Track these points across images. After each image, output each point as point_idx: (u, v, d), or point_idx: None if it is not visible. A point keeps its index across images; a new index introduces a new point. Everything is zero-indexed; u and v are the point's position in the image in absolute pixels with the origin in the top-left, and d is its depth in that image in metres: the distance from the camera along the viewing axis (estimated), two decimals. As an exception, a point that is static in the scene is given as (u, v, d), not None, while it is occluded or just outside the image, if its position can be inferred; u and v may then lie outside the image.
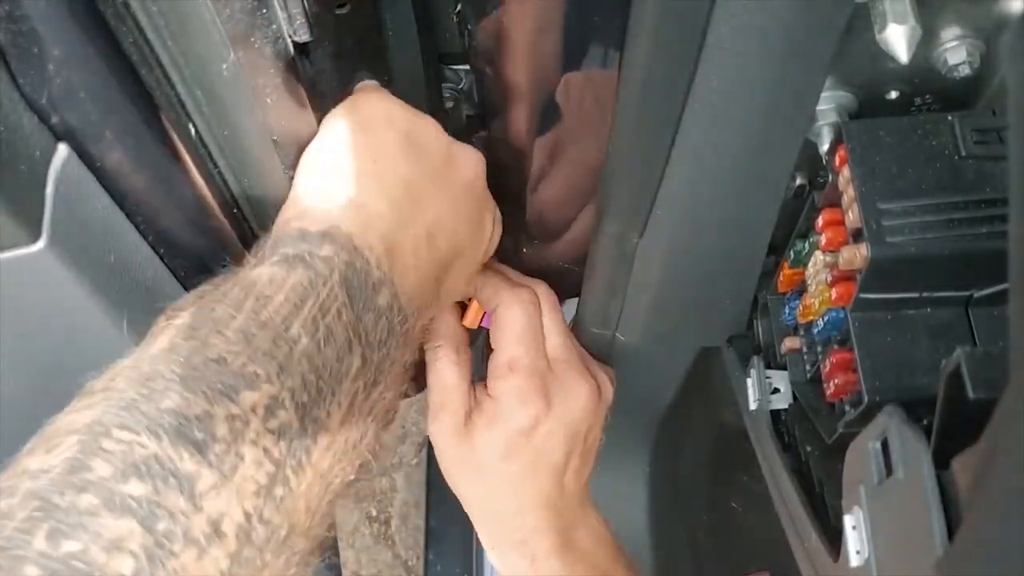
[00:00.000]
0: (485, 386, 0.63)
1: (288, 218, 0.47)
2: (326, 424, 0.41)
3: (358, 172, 0.48)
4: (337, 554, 0.78)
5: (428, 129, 0.52)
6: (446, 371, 0.62)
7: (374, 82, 0.53)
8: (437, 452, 0.63)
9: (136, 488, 0.34)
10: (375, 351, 0.44)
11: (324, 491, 0.42)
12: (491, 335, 0.63)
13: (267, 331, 0.40)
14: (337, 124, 0.50)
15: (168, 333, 0.40)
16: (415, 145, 0.50)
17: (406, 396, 0.79)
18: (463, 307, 0.65)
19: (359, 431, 0.44)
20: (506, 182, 0.59)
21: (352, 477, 0.43)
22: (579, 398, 0.63)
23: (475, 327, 0.65)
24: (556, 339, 0.64)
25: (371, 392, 0.44)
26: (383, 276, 0.45)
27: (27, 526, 0.33)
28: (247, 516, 0.37)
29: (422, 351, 0.63)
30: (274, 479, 0.38)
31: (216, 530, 0.36)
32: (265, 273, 0.42)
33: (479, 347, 0.72)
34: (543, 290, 0.65)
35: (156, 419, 0.36)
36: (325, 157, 0.49)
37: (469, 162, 0.54)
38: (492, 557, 0.65)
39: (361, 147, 0.49)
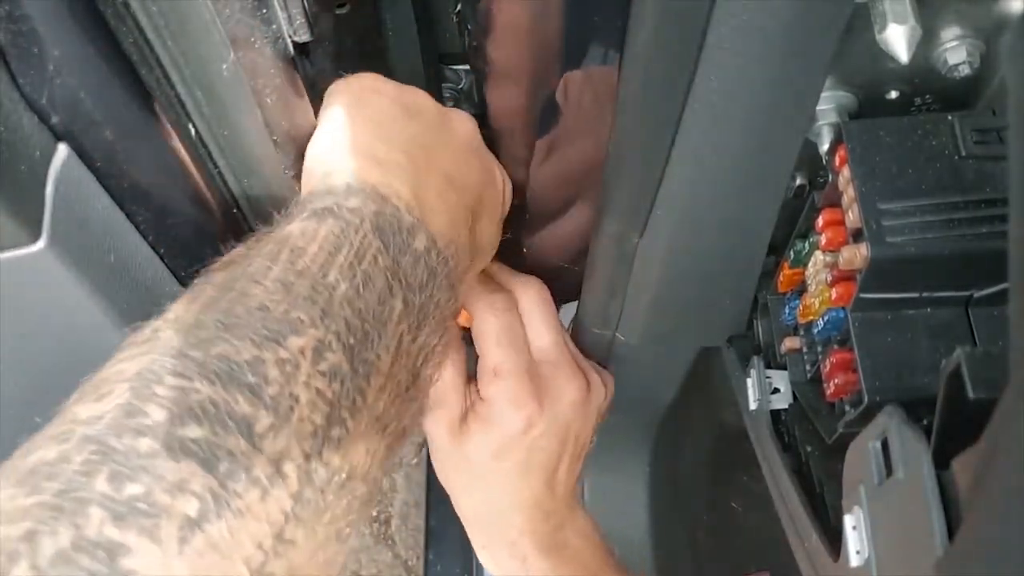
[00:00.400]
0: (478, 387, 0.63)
1: (308, 180, 0.48)
2: (377, 366, 0.41)
3: (366, 134, 0.48)
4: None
5: (418, 95, 0.52)
6: (442, 368, 0.62)
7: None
8: (432, 449, 0.64)
9: (194, 431, 0.34)
10: (417, 294, 0.44)
11: (381, 434, 0.41)
12: (475, 343, 0.64)
13: (305, 279, 0.40)
14: (333, 105, 0.50)
15: (206, 290, 0.39)
16: (409, 108, 0.51)
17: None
18: None
19: (409, 374, 0.44)
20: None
21: (407, 423, 0.43)
22: (569, 396, 0.63)
23: (470, 325, 0.65)
24: (546, 338, 0.64)
25: (417, 335, 0.44)
26: (415, 221, 0.45)
27: (87, 468, 0.32)
28: (307, 456, 0.37)
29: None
30: (330, 420, 0.38)
31: (278, 470, 0.35)
32: (296, 227, 0.42)
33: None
34: (533, 290, 0.65)
35: (208, 365, 0.36)
36: (330, 132, 0.49)
37: (464, 122, 0.54)
38: (483, 557, 0.65)
39: (361, 116, 0.49)
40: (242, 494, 0.34)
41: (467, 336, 0.66)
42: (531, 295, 0.65)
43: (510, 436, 0.62)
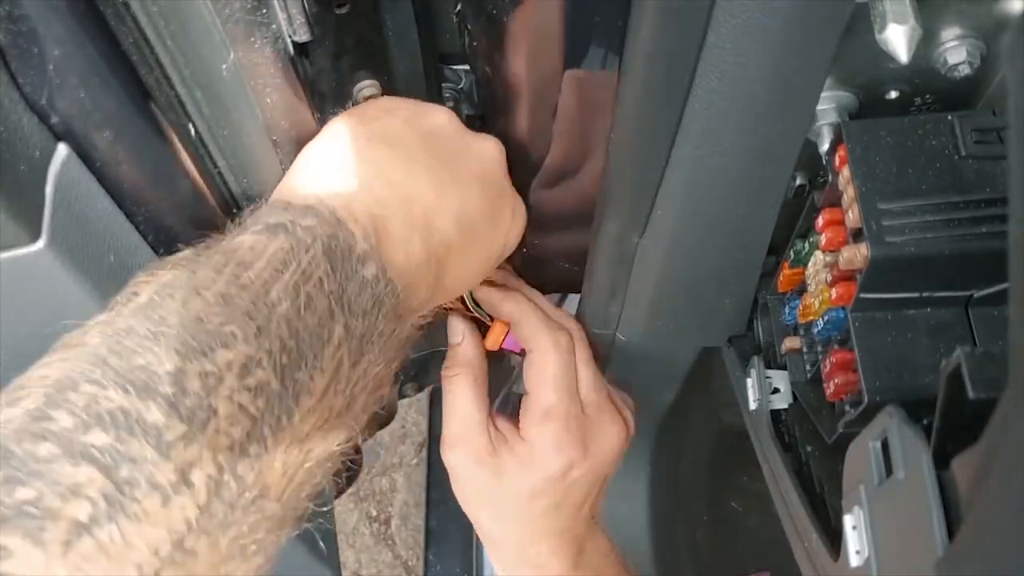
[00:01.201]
0: (513, 423, 0.63)
1: (276, 194, 0.47)
2: (309, 387, 0.40)
3: (351, 151, 0.47)
4: (332, 521, 0.77)
5: (436, 117, 0.52)
6: (463, 400, 0.62)
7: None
8: (455, 479, 0.63)
9: (98, 438, 0.34)
10: (359, 320, 0.43)
11: (304, 457, 0.41)
12: (525, 376, 0.63)
13: (246, 294, 0.39)
14: (336, 122, 0.50)
15: (146, 292, 0.39)
16: (421, 130, 0.50)
17: (404, 396, 0.79)
18: (483, 326, 0.65)
19: (345, 399, 0.43)
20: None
21: (336, 448, 0.43)
22: (613, 441, 0.63)
23: (496, 348, 0.65)
24: (588, 380, 0.64)
25: (358, 361, 0.43)
26: (369, 249, 0.44)
27: None
28: (219, 468, 0.36)
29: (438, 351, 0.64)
30: (250, 436, 0.37)
31: (184, 479, 0.35)
32: (247, 240, 0.42)
33: (502, 367, 0.72)
34: (574, 327, 0.65)
35: (125, 374, 0.35)
36: (319, 147, 0.49)
37: (484, 153, 0.53)
38: (504, 572, 0.65)
39: (357, 133, 0.49)
40: (141, 499, 0.34)
41: (489, 355, 0.65)
42: (578, 334, 0.65)
43: (550, 479, 0.61)
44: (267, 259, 0.41)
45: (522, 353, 0.64)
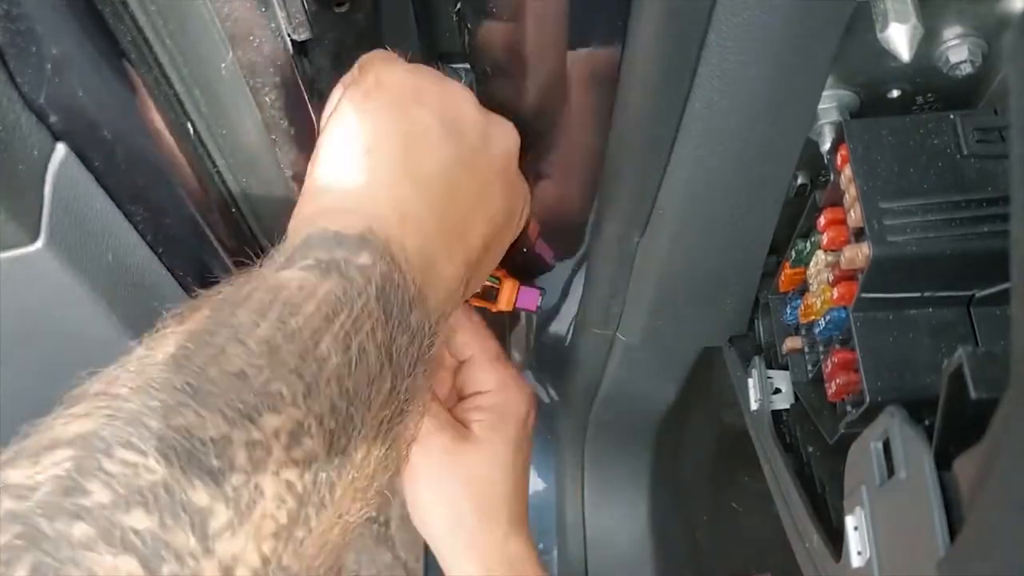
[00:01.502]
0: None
1: (314, 212, 0.42)
2: (352, 457, 0.36)
3: (391, 164, 0.43)
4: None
5: (463, 103, 0.47)
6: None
7: (384, 51, 0.48)
8: (416, 475, 0.60)
9: (140, 521, 0.30)
10: (405, 378, 0.39)
11: (342, 532, 0.37)
12: (463, 339, 0.63)
13: (294, 344, 0.35)
14: (360, 103, 0.44)
15: (180, 336, 0.35)
16: (449, 124, 0.45)
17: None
18: (492, 289, 0.63)
19: (382, 465, 0.39)
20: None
21: (365, 514, 0.39)
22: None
23: (510, 309, 0.63)
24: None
25: (395, 423, 0.39)
26: (416, 293, 0.40)
27: (6, 557, 0.28)
28: (264, 561, 0.32)
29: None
30: (295, 519, 0.34)
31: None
32: (295, 278, 0.37)
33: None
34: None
35: (166, 439, 0.31)
36: (350, 143, 0.43)
37: (505, 140, 0.49)
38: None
39: (391, 132, 0.43)
40: None
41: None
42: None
43: (523, 424, 0.61)
44: (317, 303, 0.36)
45: (537, 310, 0.64)
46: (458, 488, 0.59)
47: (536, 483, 1.00)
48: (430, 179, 0.44)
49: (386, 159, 0.43)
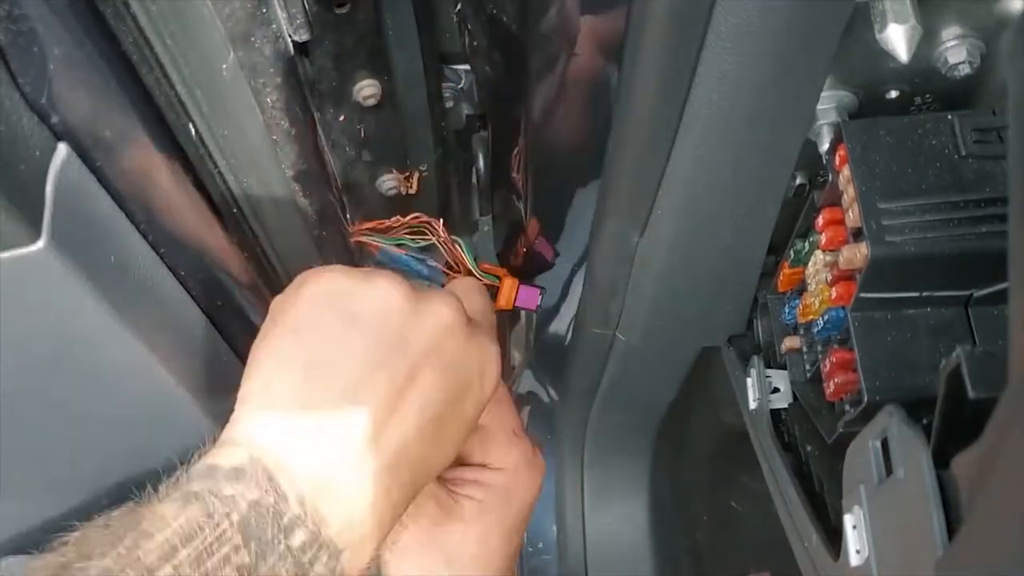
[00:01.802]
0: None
1: (219, 440, 0.44)
2: None
3: (294, 383, 0.45)
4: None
5: (379, 292, 0.47)
6: None
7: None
8: (395, 541, 0.56)
9: None
10: None
11: None
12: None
13: (131, 571, 0.37)
14: (277, 315, 0.47)
15: (48, 569, 0.38)
16: (363, 322, 0.46)
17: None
18: (492, 288, 0.63)
19: None
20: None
21: None
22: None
23: (510, 307, 0.63)
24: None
25: None
26: (302, 514, 0.42)
27: None
28: None
29: None
30: None
31: None
32: (157, 510, 0.40)
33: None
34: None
35: None
36: (266, 358, 0.46)
37: (436, 317, 0.48)
38: None
39: (298, 347, 0.45)
40: None
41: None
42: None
43: (528, 509, 0.58)
44: (172, 531, 0.39)
45: (538, 308, 0.62)
46: (438, 566, 0.56)
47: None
48: (335, 391, 0.45)
49: (284, 388, 0.45)
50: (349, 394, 0.45)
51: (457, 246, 0.61)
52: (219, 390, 0.49)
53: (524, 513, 0.58)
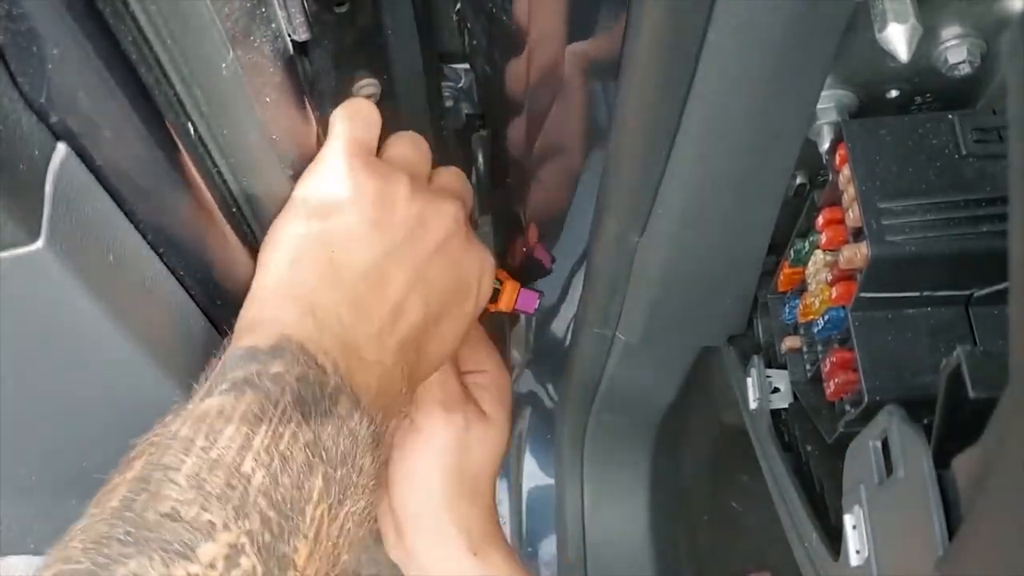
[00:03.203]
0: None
1: (241, 327, 0.46)
2: (293, 560, 0.39)
3: (313, 268, 0.46)
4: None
5: (397, 192, 0.50)
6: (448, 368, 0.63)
7: (347, 128, 0.50)
8: (422, 446, 0.62)
9: None
10: (339, 467, 0.42)
11: None
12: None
13: (219, 471, 0.38)
14: (298, 206, 0.49)
15: (121, 488, 0.38)
16: (377, 221, 0.49)
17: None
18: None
19: (329, 561, 0.41)
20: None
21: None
22: None
23: (510, 310, 0.64)
24: None
25: (338, 512, 0.42)
26: (340, 382, 0.43)
27: None
28: None
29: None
30: None
31: None
32: (215, 404, 0.40)
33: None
34: None
35: None
36: (282, 248, 0.48)
37: (442, 219, 0.52)
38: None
39: (318, 237, 0.47)
40: None
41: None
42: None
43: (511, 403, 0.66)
44: (236, 425, 0.39)
45: (535, 312, 0.65)
46: (470, 463, 0.62)
47: (536, 480, 1.00)
48: (357, 277, 0.47)
49: (308, 267, 0.47)
50: (372, 279, 0.48)
51: None
52: (218, 390, 0.49)
53: (511, 408, 0.67)
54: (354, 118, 0.51)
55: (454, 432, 0.61)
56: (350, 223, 0.48)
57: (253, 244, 0.52)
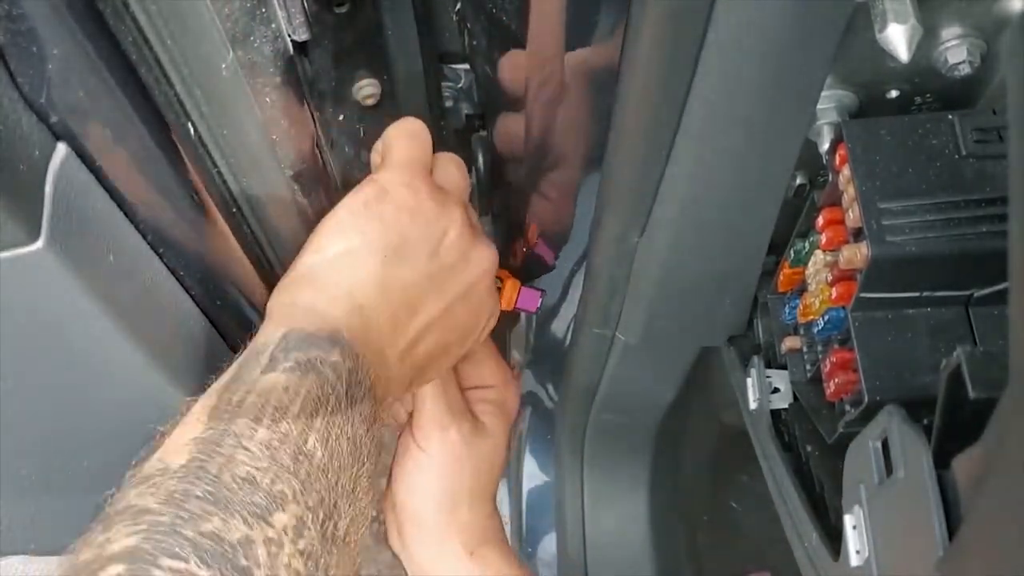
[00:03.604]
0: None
1: (291, 304, 0.48)
2: (336, 538, 0.41)
3: (367, 270, 0.48)
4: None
5: (452, 225, 0.52)
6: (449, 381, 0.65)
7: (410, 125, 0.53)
8: (434, 463, 0.64)
9: None
10: (363, 464, 0.44)
11: None
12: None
13: (287, 445, 0.40)
14: (357, 208, 0.50)
15: (190, 448, 0.40)
16: (433, 243, 0.51)
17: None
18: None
19: (355, 540, 0.44)
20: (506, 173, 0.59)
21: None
22: None
23: (510, 308, 0.65)
24: None
25: (359, 505, 0.44)
26: (370, 386, 0.46)
27: None
28: None
29: None
30: None
31: None
32: (280, 380, 0.43)
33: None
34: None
35: (201, 545, 0.36)
36: (339, 239, 0.49)
37: (481, 263, 0.55)
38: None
39: (376, 242, 0.49)
40: None
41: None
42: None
43: (515, 419, 0.68)
44: (301, 403, 0.42)
45: (537, 311, 0.67)
46: (466, 474, 0.64)
47: (536, 480, 1.00)
48: (400, 291, 0.50)
49: (363, 265, 0.49)
50: (411, 297, 0.50)
51: None
52: (218, 390, 0.49)
53: (513, 424, 0.69)
54: (415, 138, 0.53)
55: (450, 448, 0.63)
56: (406, 235, 0.50)
57: (253, 244, 0.52)
